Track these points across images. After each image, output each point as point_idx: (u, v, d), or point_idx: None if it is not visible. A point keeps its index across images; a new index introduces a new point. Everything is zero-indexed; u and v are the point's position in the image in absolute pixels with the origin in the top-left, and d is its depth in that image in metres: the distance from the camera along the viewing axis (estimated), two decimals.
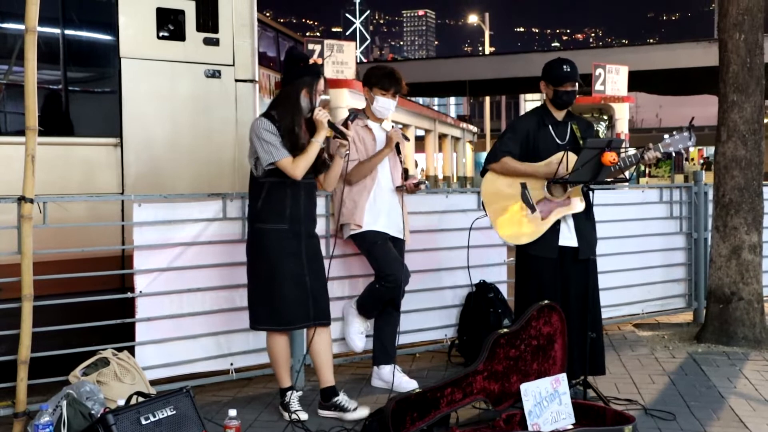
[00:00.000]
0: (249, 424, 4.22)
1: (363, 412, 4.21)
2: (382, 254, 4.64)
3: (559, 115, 4.64)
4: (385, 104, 4.74)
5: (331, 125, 4.24)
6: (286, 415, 4.28)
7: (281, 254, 4.15)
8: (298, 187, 4.19)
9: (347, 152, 4.38)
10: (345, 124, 4.37)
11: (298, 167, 4.09)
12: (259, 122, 4.15)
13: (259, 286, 4.23)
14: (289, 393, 4.33)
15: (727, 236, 5.97)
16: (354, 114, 4.46)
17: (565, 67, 4.54)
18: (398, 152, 4.83)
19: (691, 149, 4.64)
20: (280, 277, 4.15)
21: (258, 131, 4.12)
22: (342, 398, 4.32)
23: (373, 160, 4.69)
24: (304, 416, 4.25)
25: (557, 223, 4.53)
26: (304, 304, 4.20)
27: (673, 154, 4.50)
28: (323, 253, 4.47)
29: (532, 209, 4.52)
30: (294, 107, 4.16)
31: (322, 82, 4.25)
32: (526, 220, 4.54)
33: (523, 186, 4.54)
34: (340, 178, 4.59)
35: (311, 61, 4.32)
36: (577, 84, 4.60)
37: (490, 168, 4.65)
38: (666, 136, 4.49)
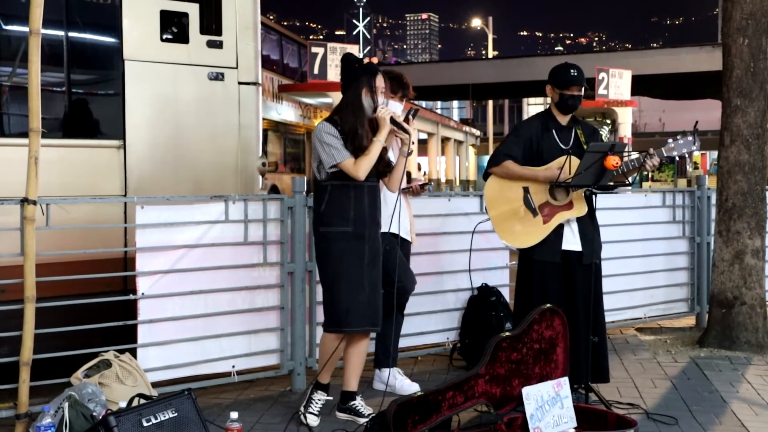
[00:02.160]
0: (251, 427, 4.22)
1: None
2: (391, 260, 4.63)
3: (564, 119, 4.63)
4: (392, 107, 4.73)
5: (394, 122, 4.17)
6: (302, 414, 4.28)
7: (343, 257, 4.14)
8: (362, 190, 4.16)
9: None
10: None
11: (360, 168, 4.07)
12: (320, 126, 4.16)
13: (325, 289, 4.25)
14: (319, 392, 4.31)
15: (729, 241, 5.96)
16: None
17: (572, 71, 4.55)
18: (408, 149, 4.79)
19: (696, 153, 4.64)
20: (341, 280, 4.13)
21: (320, 135, 4.11)
22: (358, 402, 4.32)
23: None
24: (314, 421, 4.24)
25: (561, 227, 4.52)
26: (362, 308, 4.17)
27: (677, 159, 4.49)
28: None
29: (534, 213, 4.52)
30: (356, 109, 4.14)
31: (380, 79, 4.21)
32: (528, 224, 4.54)
33: (525, 190, 4.54)
34: None
35: (366, 61, 4.28)
36: (582, 89, 4.61)
37: (492, 172, 4.65)
38: (670, 140, 4.49)
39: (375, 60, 4.36)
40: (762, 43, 5.92)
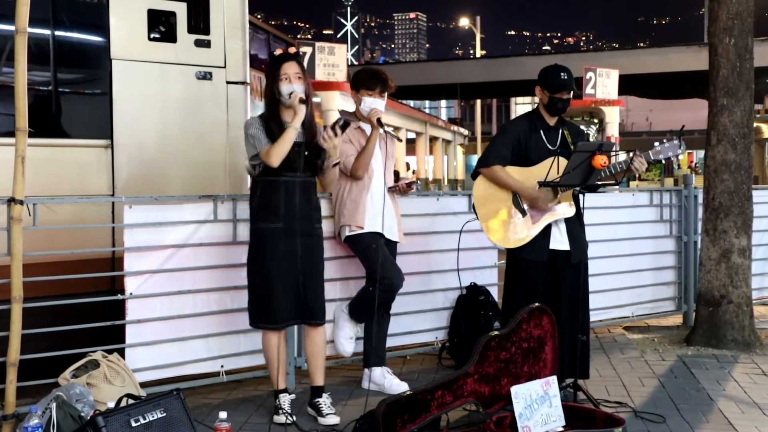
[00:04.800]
0: (239, 427, 4.21)
1: (334, 420, 4.22)
2: (378, 257, 4.64)
3: (552, 120, 4.65)
4: (372, 104, 4.73)
5: (303, 102, 4.12)
6: (275, 417, 4.27)
7: (274, 253, 4.15)
8: (293, 185, 4.17)
9: (337, 161, 4.31)
10: (333, 130, 4.23)
11: (270, 155, 4.08)
12: (247, 121, 4.29)
13: (253, 283, 4.26)
14: (280, 395, 4.32)
15: (716, 240, 6.00)
16: (344, 120, 4.36)
17: (562, 74, 4.56)
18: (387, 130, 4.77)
19: (681, 157, 4.70)
20: (271, 275, 4.15)
21: (245, 128, 4.22)
22: (322, 401, 4.31)
23: (368, 146, 4.65)
24: (286, 419, 4.22)
25: (548, 226, 4.54)
26: (293, 302, 4.20)
27: (663, 161, 4.52)
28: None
29: (523, 213, 4.53)
30: (268, 101, 4.23)
31: (287, 66, 4.20)
32: (517, 224, 4.55)
33: None
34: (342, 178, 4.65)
35: (278, 52, 4.29)
36: (572, 92, 4.63)
37: (481, 172, 4.66)
38: (656, 143, 4.52)
39: (292, 50, 4.36)
40: (748, 43, 5.95)
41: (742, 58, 5.93)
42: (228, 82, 5.77)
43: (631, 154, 4.45)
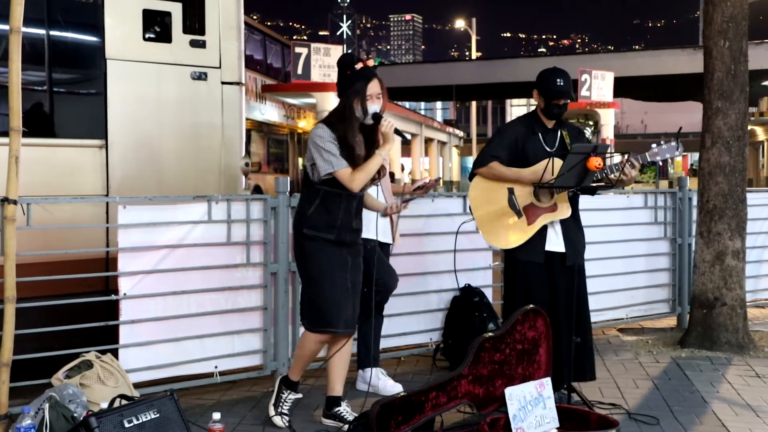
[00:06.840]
0: (233, 427, 4.21)
1: None
2: (371, 259, 4.63)
3: (549, 123, 4.65)
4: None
5: (397, 132, 4.09)
6: (270, 409, 4.25)
7: (329, 260, 4.07)
8: (352, 199, 4.10)
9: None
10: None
11: (355, 180, 3.97)
12: (318, 129, 4.02)
13: (309, 289, 4.15)
14: (288, 391, 4.27)
15: (710, 242, 6.01)
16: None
17: (558, 81, 4.53)
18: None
19: (678, 158, 4.70)
20: (326, 281, 4.06)
21: (317, 139, 3.98)
22: (343, 408, 4.25)
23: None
24: (281, 423, 4.21)
25: (544, 228, 4.54)
26: (347, 310, 4.11)
27: (660, 163, 4.52)
28: None
29: (519, 214, 4.54)
30: (347, 118, 4.03)
31: (374, 85, 4.03)
32: (513, 226, 4.55)
33: (510, 191, 4.56)
34: None
35: (360, 65, 4.07)
36: (569, 98, 4.60)
37: (478, 172, 4.66)
38: (654, 145, 4.49)
39: (370, 63, 4.18)
40: (743, 46, 5.97)
41: (736, 61, 5.94)
42: (223, 83, 5.77)
43: (626, 156, 4.45)
